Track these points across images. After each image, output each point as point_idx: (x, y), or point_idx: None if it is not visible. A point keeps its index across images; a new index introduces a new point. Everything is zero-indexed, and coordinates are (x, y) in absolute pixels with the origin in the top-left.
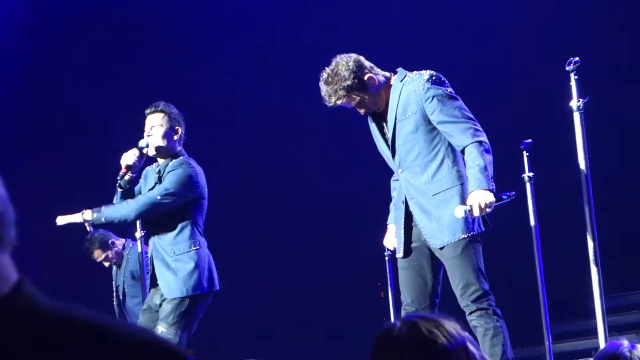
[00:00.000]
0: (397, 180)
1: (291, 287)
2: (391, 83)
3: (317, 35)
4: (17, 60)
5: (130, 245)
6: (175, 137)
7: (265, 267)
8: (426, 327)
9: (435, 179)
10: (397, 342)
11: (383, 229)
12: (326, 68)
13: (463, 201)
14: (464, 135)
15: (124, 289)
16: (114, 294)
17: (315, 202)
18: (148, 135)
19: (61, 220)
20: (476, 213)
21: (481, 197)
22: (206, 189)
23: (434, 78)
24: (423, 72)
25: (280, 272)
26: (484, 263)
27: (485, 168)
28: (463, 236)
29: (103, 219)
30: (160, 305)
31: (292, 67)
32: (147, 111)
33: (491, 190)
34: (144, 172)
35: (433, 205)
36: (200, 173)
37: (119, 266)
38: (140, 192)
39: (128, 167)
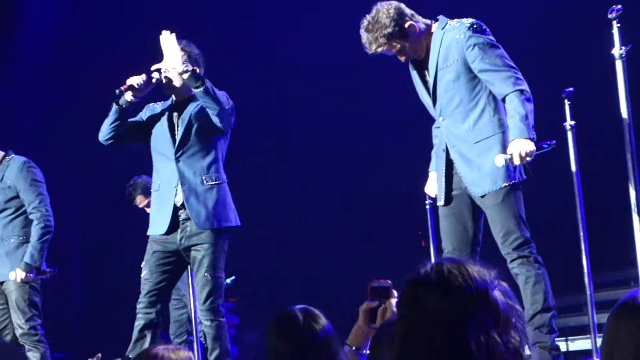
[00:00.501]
0: (438, 127)
1: (331, 237)
2: (432, 31)
3: None
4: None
5: None
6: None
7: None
8: (449, 268)
9: (477, 127)
10: (420, 281)
11: (424, 176)
12: (367, 15)
13: (504, 149)
14: (505, 83)
15: None
16: None
17: (352, 149)
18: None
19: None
20: (516, 162)
21: (522, 146)
22: None
23: (475, 26)
24: (464, 20)
25: (323, 220)
26: (525, 211)
27: (526, 117)
28: (504, 184)
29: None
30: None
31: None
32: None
33: (532, 139)
34: (148, 105)
35: (474, 153)
36: None
37: None
38: (139, 121)
39: (131, 87)
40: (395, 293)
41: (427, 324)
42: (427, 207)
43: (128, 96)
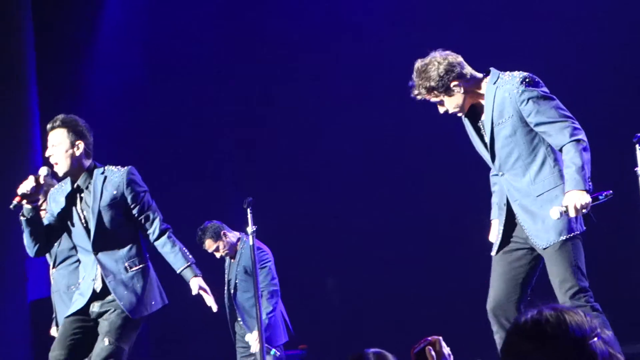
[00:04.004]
0: (497, 175)
1: (412, 280)
2: (481, 85)
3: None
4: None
5: (245, 239)
6: (78, 153)
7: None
8: (547, 317)
9: (538, 179)
10: (518, 330)
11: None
12: (420, 60)
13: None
14: (561, 134)
15: (235, 283)
16: (225, 287)
17: (426, 200)
18: (50, 155)
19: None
20: (572, 214)
21: (577, 198)
22: None
23: (527, 80)
24: (516, 73)
25: (402, 264)
26: (595, 258)
27: (582, 167)
28: (568, 236)
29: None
30: (101, 315)
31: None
32: (48, 127)
33: (587, 191)
34: (49, 194)
35: (537, 205)
36: None
37: (232, 258)
38: (53, 217)
39: (23, 196)
40: (432, 351)
41: None
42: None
43: (27, 205)
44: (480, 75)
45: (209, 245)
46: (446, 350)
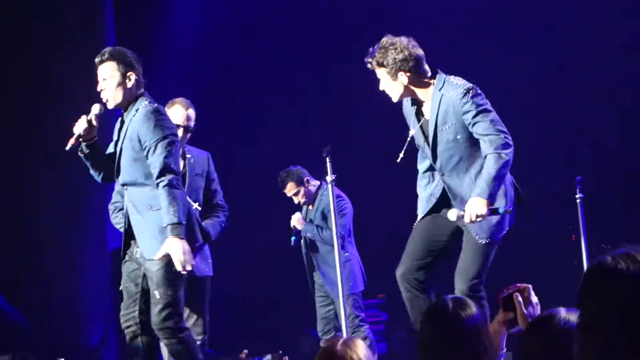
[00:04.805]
0: (427, 171)
1: None
2: (427, 86)
3: None
4: None
5: (325, 186)
6: (130, 84)
7: None
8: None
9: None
10: (608, 271)
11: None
12: (390, 37)
13: (507, 199)
14: (489, 145)
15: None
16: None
17: None
18: (102, 90)
19: None
20: (466, 220)
21: (476, 207)
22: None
23: (470, 93)
24: (460, 83)
25: None
26: None
27: (494, 179)
28: (492, 240)
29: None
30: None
31: None
32: (96, 61)
33: (490, 201)
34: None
35: None
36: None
37: (310, 205)
38: (115, 149)
39: (78, 137)
40: (519, 297)
41: (619, 315)
42: (578, 201)
43: (83, 144)
44: (428, 75)
45: (290, 188)
46: (534, 298)
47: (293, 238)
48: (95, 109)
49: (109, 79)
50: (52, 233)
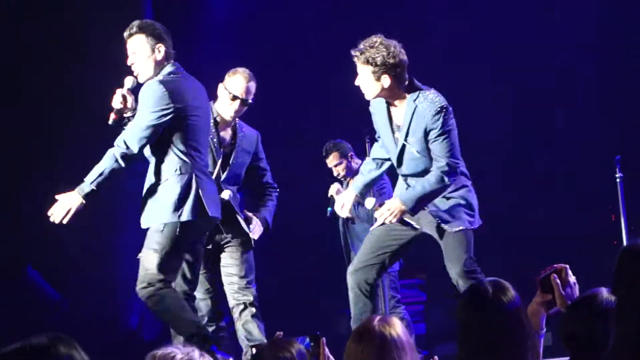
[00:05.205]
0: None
1: (523, 216)
2: (403, 95)
3: None
4: None
5: None
6: (160, 57)
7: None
8: None
9: None
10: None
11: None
12: (383, 38)
13: (467, 205)
14: (438, 166)
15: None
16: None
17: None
18: (132, 64)
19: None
20: (377, 215)
21: (393, 208)
22: (190, 104)
23: (443, 111)
24: (436, 100)
25: (515, 199)
26: None
27: (425, 195)
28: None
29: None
30: None
31: None
32: (125, 35)
33: (408, 211)
34: None
35: (444, 200)
36: (180, 88)
37: (349, 181)
38: None
39: (117, 112)
40: (557, 278)
41: None
42: (618, 180)
43: (127, 112)
44: (405, 84)
45: (333, 158)
46: (572, 278)
47: (329, 209)
48: (129, 82)
49: (138, 53)
50: (93, 216)
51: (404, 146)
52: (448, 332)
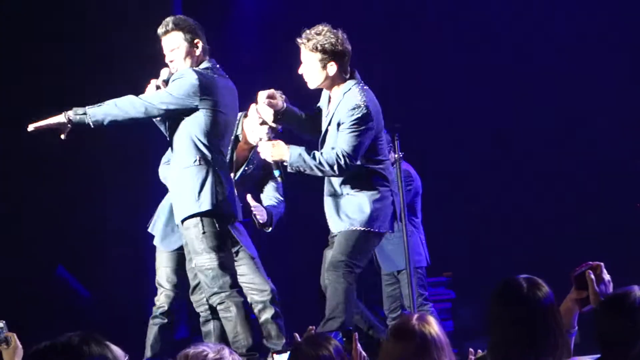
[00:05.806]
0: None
1: (548, 213)
2: (341, 85)
3: None
4: None
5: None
6: (198, 52)
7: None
8: None
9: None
10: None
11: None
12: (331, 27)
13: (359, 207)
14: (336, 152)
15: None
16: None
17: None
18: (170, 61)
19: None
20: (260, 148)
21: (278, 150)
22: (220, 100)
23: (357, 110)
24: (358, 97)
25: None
26: None
27: (311, 165)
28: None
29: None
30: None
31: None
32: (160, 32)
33: (287, 161)
34: None
35: (343, 199)
36: (212, 83)
37: None
38: None
39: None
40: (592, 275)
41: None
42: None
43: None
44: (347, 75)
45: None
46: (606, 276)
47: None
48: (164, 73)
49: (177, 50)
50: (122, 217)
51: (326, 133)
52: (476, 329)
